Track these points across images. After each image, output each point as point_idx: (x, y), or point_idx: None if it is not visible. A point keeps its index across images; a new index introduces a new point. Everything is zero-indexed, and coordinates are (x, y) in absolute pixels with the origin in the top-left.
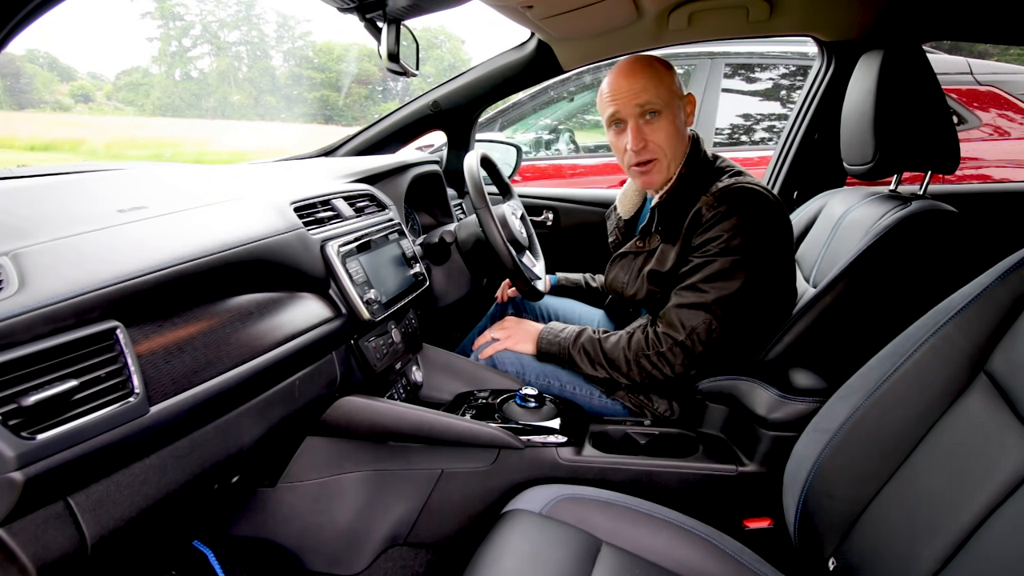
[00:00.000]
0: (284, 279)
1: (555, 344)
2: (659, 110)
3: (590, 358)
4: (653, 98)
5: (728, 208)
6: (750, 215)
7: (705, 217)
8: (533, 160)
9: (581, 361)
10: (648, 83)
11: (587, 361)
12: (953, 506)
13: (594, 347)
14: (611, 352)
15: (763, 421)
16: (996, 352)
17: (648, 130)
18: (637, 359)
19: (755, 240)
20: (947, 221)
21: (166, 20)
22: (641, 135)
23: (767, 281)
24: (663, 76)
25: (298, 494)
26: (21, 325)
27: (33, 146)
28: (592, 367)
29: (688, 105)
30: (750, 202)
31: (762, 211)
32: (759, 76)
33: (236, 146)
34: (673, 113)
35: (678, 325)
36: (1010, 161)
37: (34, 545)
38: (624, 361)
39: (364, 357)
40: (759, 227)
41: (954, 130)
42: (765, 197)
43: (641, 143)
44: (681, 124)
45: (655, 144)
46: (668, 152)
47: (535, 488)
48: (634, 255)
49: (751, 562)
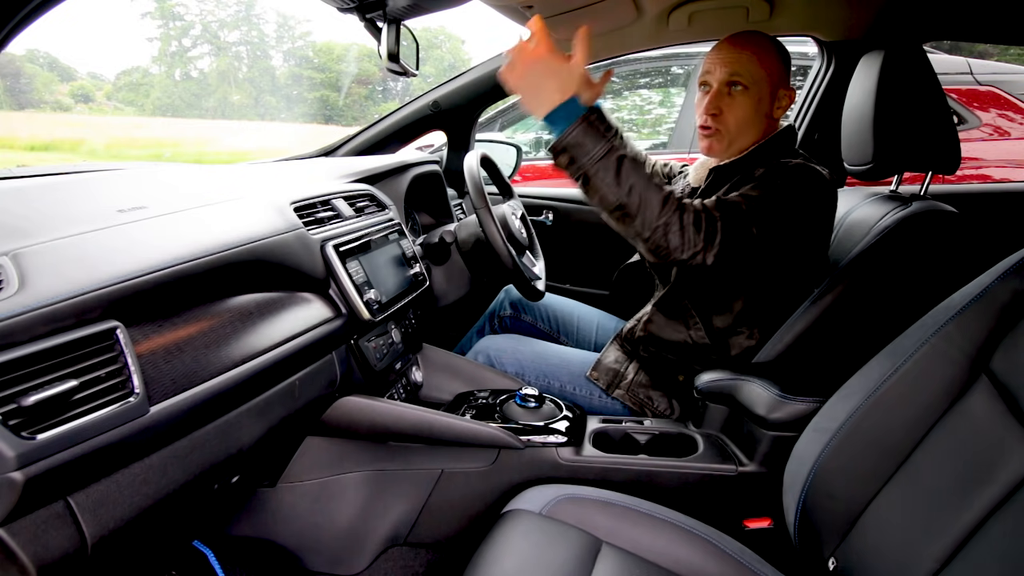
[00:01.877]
0: (284, 279)
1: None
2: (747, 85)
3: (626, 177)
4: (744, 73)
5: (778, 170)
6: (797, 181)
7: (756, 174)
8: (533, 160)
9: (615, 174)
10: (745, 59)
11: (620, 178)
12: (953, 506)
13: (640, 172)
14: (652, 188)
15: (763, 421)
16: (997, 352)
17: (726, 101)
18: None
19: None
20: (947, 221)
21: (166, 20)
22: (716, 102)
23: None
24: (767, 59)
25: (298, 494)
26: (21, 325)
27: (33, 146)
28: (618, 188)
29: (784, 99)
30: (803, 173)
31: (811, 183)
32: None
33: (236, 146)
34: (759, 94)
35: (714, 206)
36: (1010, 161)
37: (34, 545)
38: (659, 203)
39: (364, 357)
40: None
41: (955, 130)
42: (822, 176)
43: (714, 109)
44: (764, 107)
45: (726, 116)
46: (737, 128)
47: (535, 488)
48: None
49: (751, 562)
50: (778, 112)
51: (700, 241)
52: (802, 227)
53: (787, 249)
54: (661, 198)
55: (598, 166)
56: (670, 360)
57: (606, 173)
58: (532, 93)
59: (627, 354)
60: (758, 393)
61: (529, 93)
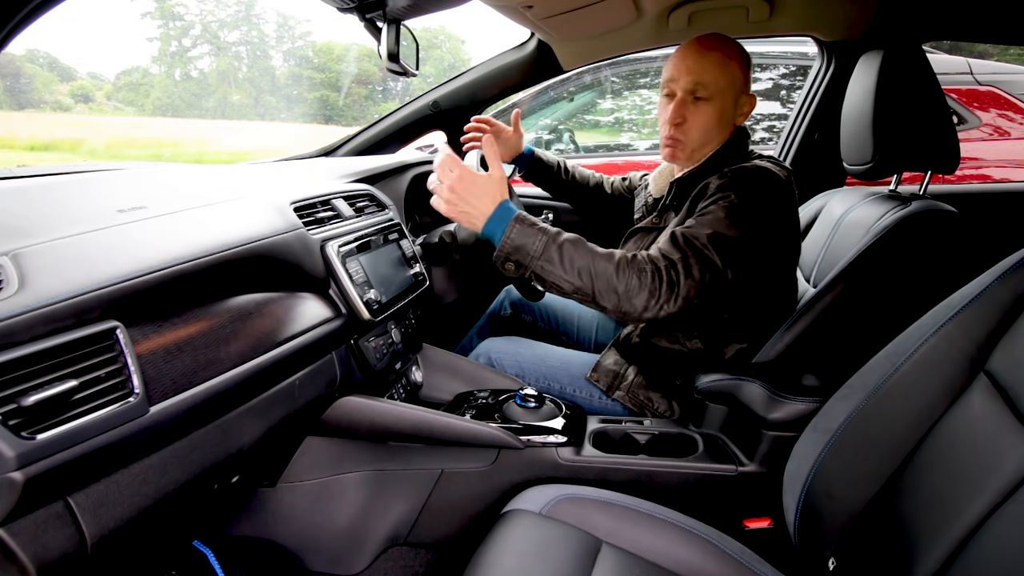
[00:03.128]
0: (284, 279)
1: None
2: (710, 96)
3: (572, 261)
4: (709, 83)
5: (732, 179)
6: (754, 186)
7: (712, 187)
8: None
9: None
10: (710, 67)
11: (568, 264)
12: (953, 506)
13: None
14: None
15: (763, 421)
16: (996, 352)
17: (690, 110)
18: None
19: (754, 206)
20: (947, 221)
21: (166, 20)
22: (680, 111)
23: (766, 259)
24: (731, 67)
25: (298, 494)
26: (21, 325)
27: (33, 146)
28: (570, 272)
29: (746, 105)
30: (758, 177)
31: (768, 186)
32: (759, 76)
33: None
34: (722, 103)
35: (672, 249)
36: (1010, 161)
37: (34, 545)
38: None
39: (364, 357)
40: (760, 197)
41: (954, 130)
42: (776, 177)
43: (679, 118)
44: (726, 116)
45: (690, 126)
46: (700, 138)
47: (535, 488)
48: (647, 231)
49: (751, 562)
50: (740, 119)
51: (663, 293)
52: (765, 237)
53: (756, 263)
54: (613, 268)
55: (541, 261)
56: (668, 365)
57: (551, 265)
58: (466, 214)
59: (625, 357)
60: (758, 393)
61: (464, 215)
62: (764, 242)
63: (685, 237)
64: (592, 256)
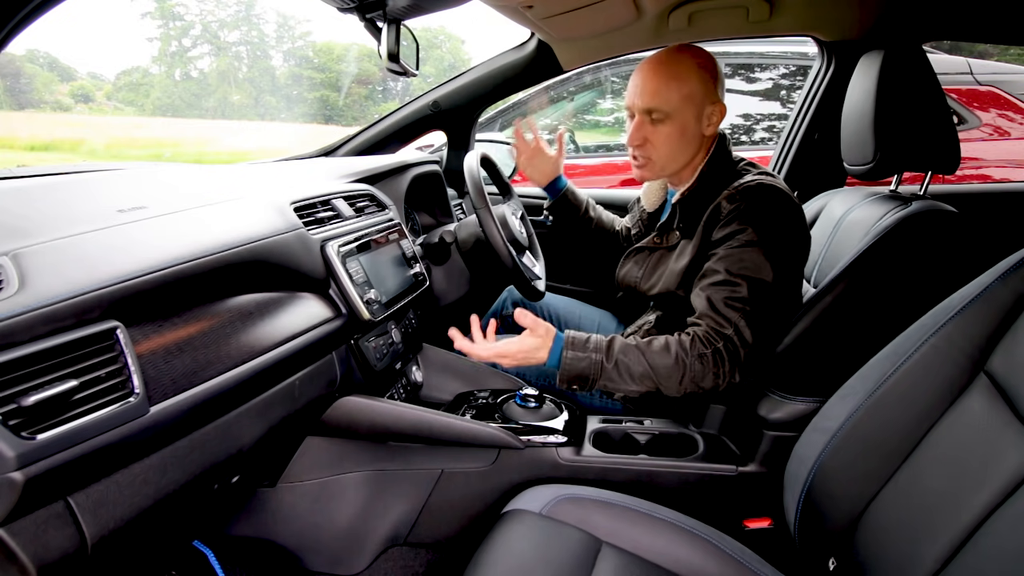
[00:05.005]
0: (284, 279)
1: (582, 360)
2: (665, 116)
3: (631, 372)
4: (661, 104)
5: (748, 204)
6: (771, 210)
7: (725, 211)
8: None
9: (620, 377)
10: (662, 87)
11: (628, 376)
12: (953, 506)
13: (637, 357)
14: (658, 358)
15: (763, 421)
16: (996, 352)
17: (650, 130)
18: (691, 363)
19: (777, 234)
20: (947, 221)
21: (166, 20)
22: (641, 132)
23: (788, 276)
24: (685, 79)
25: (298, 494)
26: (21, 325)
27: (33, 146)
28: (633, 381)
29: (715, 115)
30: (771, 198)
31: (782, 208)
32: (759, 76)
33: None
34: (682, 120)
35: (722, 321)
36: (1010, 161)
37: (34, 545)
38: (676, 367)
39: (364, 357)
40: (780, 222)
41: (954, 130)
42: (786, 195)
43: (639, 140)
44: (690, 131)
45: (652, 146)
46: (666, 156)
47: (535, 488)
48: (649, 251)
49: (751, 562)
50: (709, 129)
51: (727, 367)
52: (792, 262)
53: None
54: (672, 363)
55: (603, 381)
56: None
57: (613, 383)
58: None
59: None
60: (758, 394)
61: (528, 363)
62: (792, 266)
63: (727, 303)
64: (647, 358)
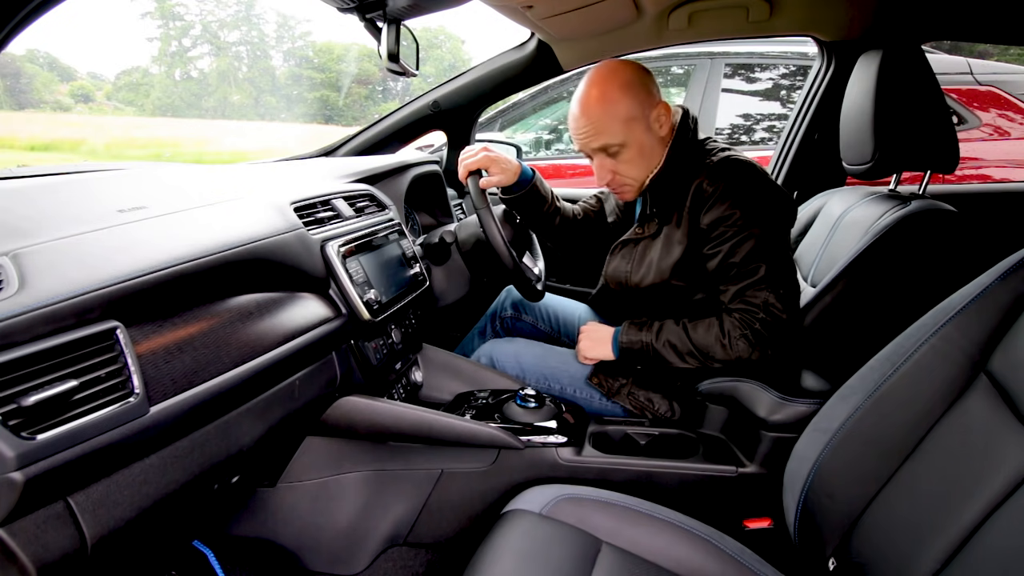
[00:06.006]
0: (284, 279)
1: (636, 342)
2: (619, 147)
3: (676, 349)
4: (609, 139)
5: (727, 183)
6: (751, 185)
7: (707, 193)
8: (533, 160)
9: (667, 353)
10: (600, 122)
11: (674, 353)
12: (953, 506)
13: (680, 336)
14: (703, 339)
15: (763, 422)
16: (996, 352)
17: (612, 164)
18: (734, 342)
19: (764, 207)
20: (947, 221)
21: (166, 20)
22: (605, 169)
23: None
24: (618, 106)
25: (298, 494)
26: (21, 325)
27: (33, 146)
28: (681, 359)
29: (662, 116)
30: (746, 173)
31: (758, 179)
32: (759, 76)
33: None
34: (636, 141)
35: (751, 307)
36: (1010, 161)
37: (34, 545)
38: (719, 346)
39: (364, 357)
40: (762, 195)
41: (953, 130)
42: (757, 168)
43: (607, 176)
44: (647, 144)
45: (621, 175)
46: (636, 175)
47: (535, 488)
48: (634, 242)
49: (751, 562)
50: (663, 130)
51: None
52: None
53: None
54: (713, 340)
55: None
56: (669, 368)
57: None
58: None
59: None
60: (758, 395)
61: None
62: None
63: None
64: (691, 338)
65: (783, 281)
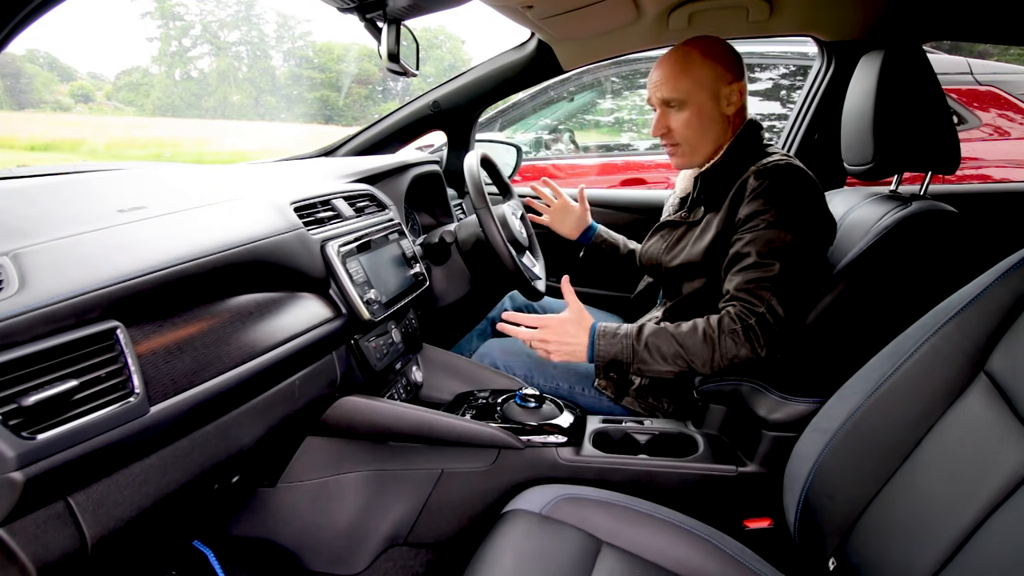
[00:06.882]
0: (284, 279)
1: (614, 345)
2: (681, 102)
3: (661, 352)
4: (672, 92)
5: (772, 182)
6: (794, 190)
7: (750, 188)
8: (533, 160)
9: (651, 358)
10: (671, 75)
11: (659, 356)
12: (953, 506)
13: (667, 338)
14: (688, 338)
15: (763, 422)
16: (996, 352)
17: (671, 119)
18: (721, 339)
19: (800, 213)
20: (947, 221)
21: (166, 20)
22: (662, 122)
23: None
24: (693, 67)
25: (298, 494)
26: (21, 325)
27: (33, 146)
28: (665, 362)
29: (734, 95)
30: (795, 178)
31: (805, 188)
32: (759, 76)
33: (236, 146)
34: (698, 104)
35: (754, 300)
36: (1010, 161)
37: (34, 545)
38: (706, 345)
39: (364, 357)
40: (803, 202)
41: (954, 130)
42: (809, 176)
43: (662, 129)
44: (708, 112)
45: (676, 132)
46: (692, 139)
47: (535, 488)
48: (674, 226)
49: (751, 562)
50: (730, 109)
51: (762, 340)
52: (815, 241)
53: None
54: (700, 340)
55: (636, 365)
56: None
57: (646, 365)
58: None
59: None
60: (759, 395)
61: (572, 355)
62: (815, 245)
63: (760, 283)
64: (677, 339)
65: (794, 288)
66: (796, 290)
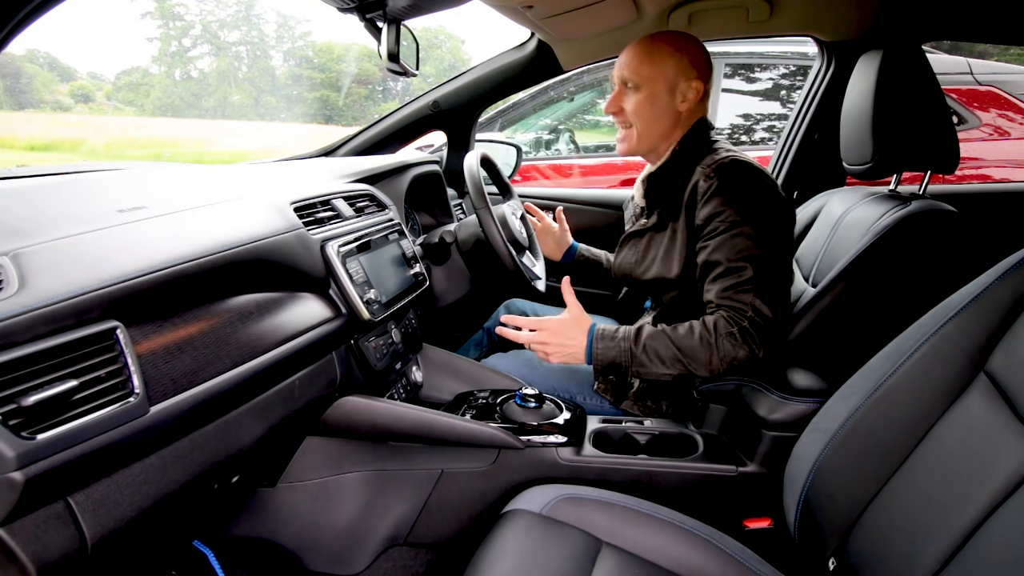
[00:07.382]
0: (284, 279)
1: (612, 349)
2: (637, 85)
3: (659, 355)
4: (633, 73)
5: (722, 180)
6: (746, 185)
7: (702, 190)
8: (533, 160)
9: (650, 361)
10: (636, 58)
11: (657, 359)
12: (953, 506)
13: (664, 341)
14: (685, 341)
15: (763, 422)
16: (996, 352)
17: (624, 99)
18: (719, 342)
19: (757, 207)
20: (947, 221)
21: (166, 20)
22: (617, 101)
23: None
24: (658, 56)
25: (298, 494)
26: (21, 325)
27: (33, 146)
28: (664, 365)
29: (690, 91)
30: (743, 173)
31: (756, 181)
32: (759, 76)
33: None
34: (653, 90)
35: (739, 306)
36: (1010, 161)
37: (34, 545)
38: (704, 347)
39: (364, 357)
40: (757, 195)
41: (953, 130)
42: (757, 168)
43: (615, 107)
44: (661, 101)
45: (627, 113)
46: (639, 125)
47: (535, 488)
48: (639, 235)
49: (751, 562)
50: (684, 105)
51: (755, 338)
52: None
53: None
54: (697, 342)
55: (634, 367)
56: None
57: (644, 368)
58: (572, 355)
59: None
60: (759, 395)
61: (570, 357)
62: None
63: (738, 289)
64: (674, 342)
65: (772, 284)
66: (775, 284)
